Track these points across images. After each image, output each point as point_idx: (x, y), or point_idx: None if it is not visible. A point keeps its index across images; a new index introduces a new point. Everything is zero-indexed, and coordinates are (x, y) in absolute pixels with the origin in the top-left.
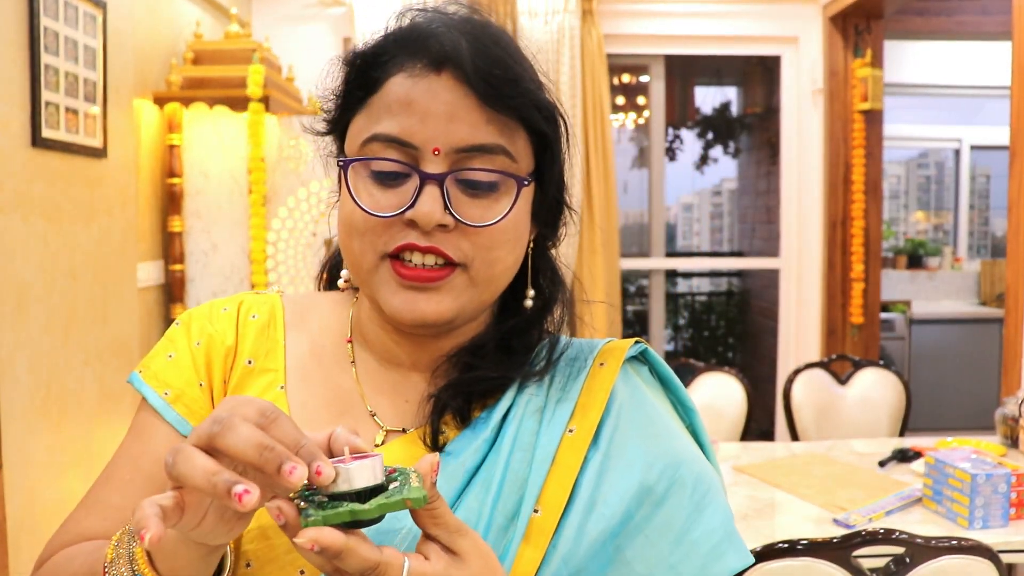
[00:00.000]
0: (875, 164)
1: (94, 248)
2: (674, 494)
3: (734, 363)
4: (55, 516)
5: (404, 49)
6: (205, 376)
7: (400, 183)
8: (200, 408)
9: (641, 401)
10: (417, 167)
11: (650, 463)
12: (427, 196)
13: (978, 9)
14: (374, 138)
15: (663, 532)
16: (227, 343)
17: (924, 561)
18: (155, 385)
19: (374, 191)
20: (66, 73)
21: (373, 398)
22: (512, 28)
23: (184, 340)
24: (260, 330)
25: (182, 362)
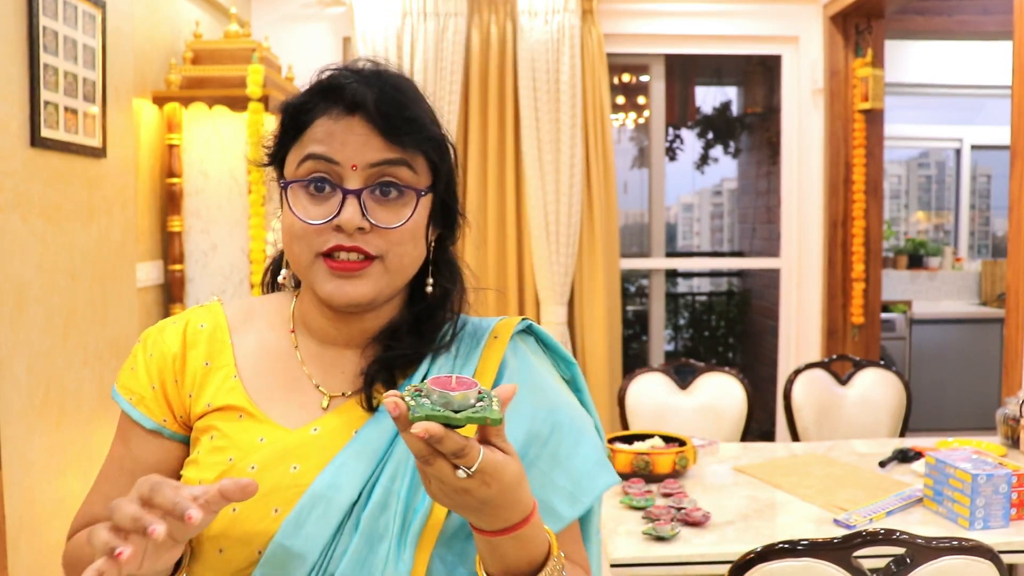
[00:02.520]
0: (876, 164)
1: (93, 248)
2: (555, 434)
3: (734, 363)
4: (54, 516)
5: (325, 98)
6: (157, 380)
7: (327, 197)
8: (155, 406)
9: (527, 365)
10: (340, 184)
11: (535, 413)
12: (349, 206)
13: (979, 9)
14: (308, 157)
15: (551, 463)
16: (173, 351)
17: (925, 562)
18: (124, 393)
19: (308, 205)
20: (65, 73)
21: (316, 373)
22: (512, 28)
23: (141, 354)
24: (209, 336)
25: (139, 372)
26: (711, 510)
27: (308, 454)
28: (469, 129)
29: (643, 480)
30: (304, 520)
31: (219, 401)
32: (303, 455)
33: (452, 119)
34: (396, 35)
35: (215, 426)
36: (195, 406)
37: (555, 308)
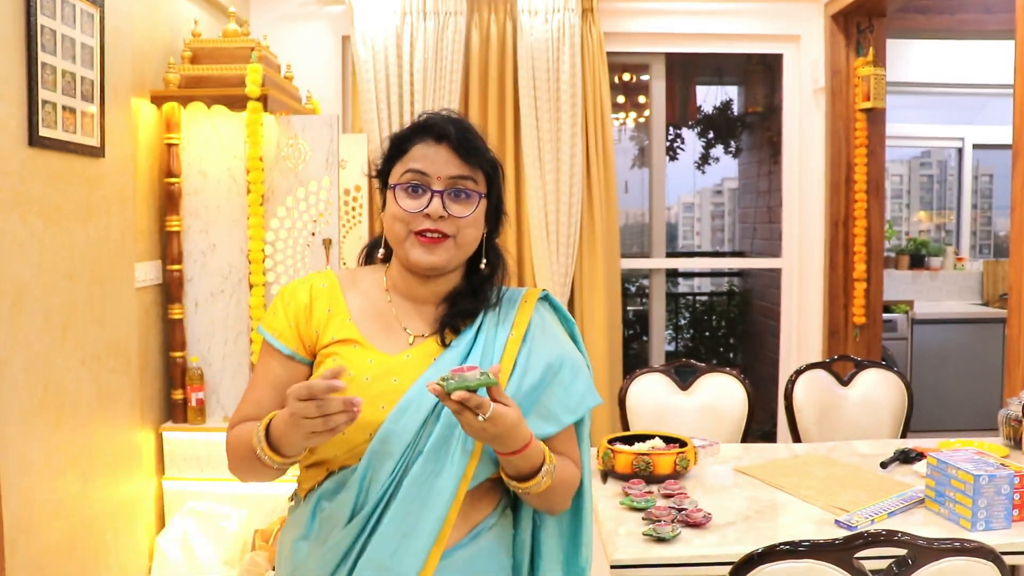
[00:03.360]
0: (877, 163)
1: (92, 248)
2: (563, 368)
3: (735, 364)
4: (53, 517)
5: (422, 132)
6: (293, 322)
7: (420, 196)
8: (292, 339)
9: (545, 321)
10: (429, 187)
11: (550, 353)
12: (435, 201)
13: (980, 8)
14: (409, 170)
15: (559, 386)
16: (304, 302)
17: (926, 563)
18: (269, 331)
19: (407, 200)
20: (63, 72)
21: (403, 319)
22: (512, 27)
23: (280, 305)
24: (328, 292)
25: (279, 316)
26: (712, 511)
27: (403, 371)
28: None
29: (644, 481)
30: (402, 414)
31: (340, 335)
32: (400, 372)
33: None
34: (396, 34)
35: (337, 352)
36: (321, 339)
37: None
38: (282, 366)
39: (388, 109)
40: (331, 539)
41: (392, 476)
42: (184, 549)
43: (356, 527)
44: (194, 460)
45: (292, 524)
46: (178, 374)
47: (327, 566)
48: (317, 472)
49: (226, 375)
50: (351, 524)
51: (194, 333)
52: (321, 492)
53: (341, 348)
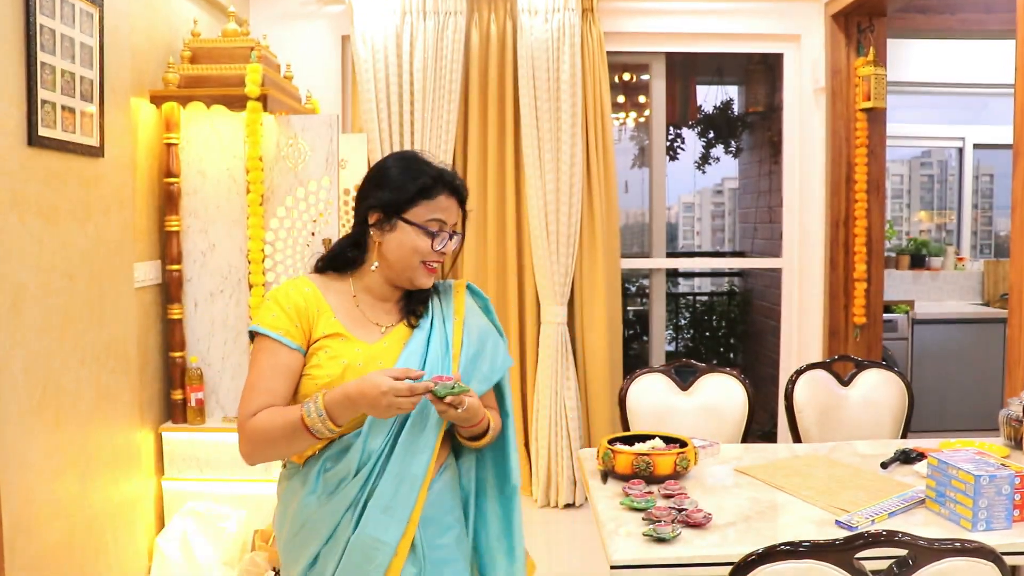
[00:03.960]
0: (878, 163)
1: (91, 248)
2: (488, 339)
3: (735, 364)
4: (52, 517)
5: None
6: (296, 320)
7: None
8: (297, 335)
9: (472, 305)
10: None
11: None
12: (450, 242)
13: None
14: (435, 219)
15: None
16: (300, 303)
17: (927, 563)
18: (273, 329)
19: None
20: (63, 71)
21: (371, 315)
22: (512, 26)
23: (278, 307)
24: (313, 295)
25: (281, 316)
26: (712, 511)
27: (385, 355)
28: (469, 129)
29: (644, 481)
30: None
31: (328, 331)
32: (382, 356)
33: (451, 119)
34: (395, 34)
35: (327, 345)
36: (313, 334)
37: (555, 308)
38: (290, 357)
39: (388, 109)
40: (339, 491)
41: (387, 437)
42: (183, 549)
43: (361, 479)
44: (193, 460)
45: (296, 484)
46: (177, 374)
47: (337, 512)
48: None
49: (225, 375)
50: (357, 477)
51: (193, 333)
52: (325, 456)
53: (330, 341)
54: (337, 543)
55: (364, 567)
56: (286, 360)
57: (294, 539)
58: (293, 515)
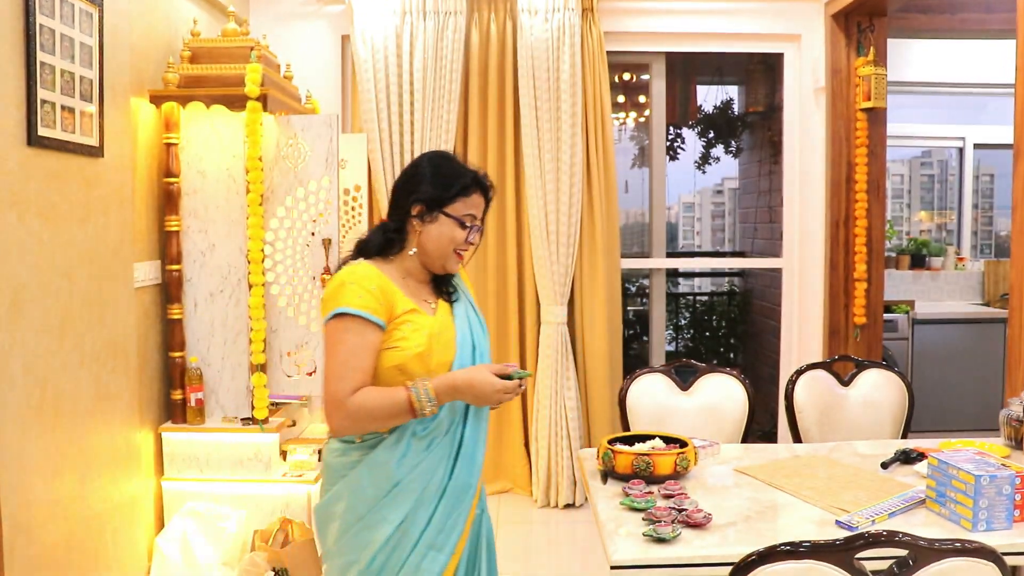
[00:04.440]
0: (878, 163)
1: (90, 248)
2: None
3: (736, 364)
4: (50, 518)
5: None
6: (381, 300)
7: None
8: (382, 312)
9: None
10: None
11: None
12: (478, 234)
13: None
14: (469, 214)
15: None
16: (380, 285)
17: (927, 563)
18: (362, 309)
19: (459, 230)
20: (62, 71)
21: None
22: (512, 26)
23: (361, 288)
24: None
25: (367, 297)
26: (712, 512)
27: (444, 327)
28: (468, 128)
29: (644, 481)
30: (462, 353)
31: (406, 307)
32: (443, 328)
33: (451, 118)
34: (395, 34)
35: (409, 319)
36: (395, 311)
37: (555, 308)
38: (376, 336)
39: (388, 109)
40: (432, 449)
41: None
42: (183, 550)
43: (451, 435)
44: (193, 460)
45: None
46: (177, 374)
47: (432, 467)
48: None
49: (225, 375)
50: (448, 435)
51: (193, 333)
52: (416, 423)
53: (411, 316)
54: (428, 496)
55: (456, 512)
56: (372, 338)
57: (380, 503)
58: (380, 480)
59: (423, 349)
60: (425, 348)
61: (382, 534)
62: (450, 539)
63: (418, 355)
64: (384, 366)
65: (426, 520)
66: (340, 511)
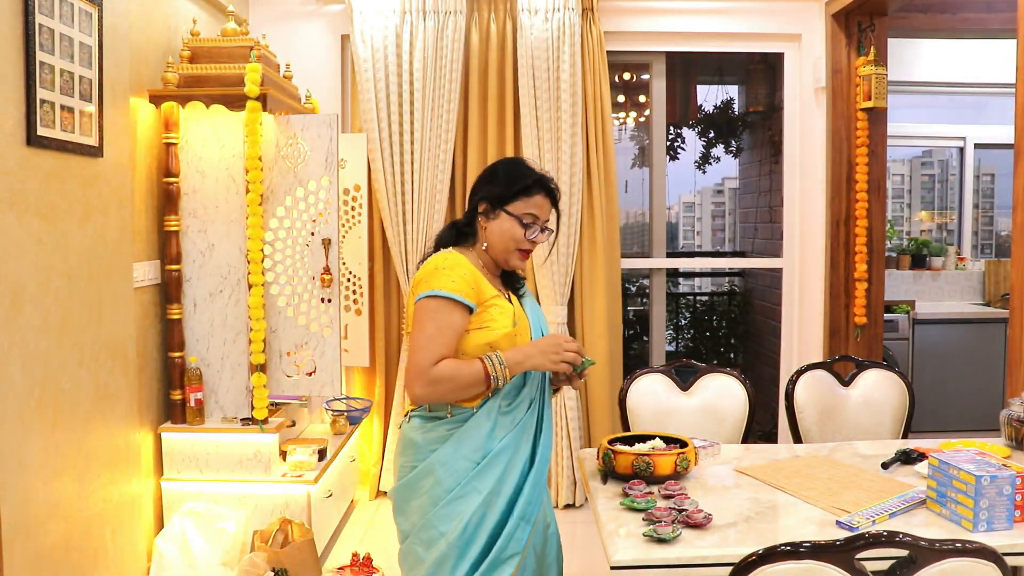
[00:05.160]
0: (879, 163)
1: (89, 247)
2: None
3: (736, 364)
4: (50, 518)
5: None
6: (472, 284)
7: (530, 230)
8: (473, 296)
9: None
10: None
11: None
12: (541, 234)
13: (982, 6)
14: (530, 213)
15: None
16: (472, 271)
17: (928, 564)
18: (455, 292)
19: (520, 228)
20: (61, 71)
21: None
22: (512, 26)
23: (454, 274)
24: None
25: (459, 282)
26: (713, 512)
27: (520, 312)
28: (468, 128)
29: (644, 482)
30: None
31: (493, 293)
32: (520, 313)
33: (451, 118)
34: (395, 33)
35: (496, 303)
36: (483, 295)
37: (555, 308)
38: (463, 318)
39: (388, 108)
40: (519, 423)
41: (540, 374)
42: (183, 550)
43: (534, 411)
44: (193, 460)
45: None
46: (177, 374)
47: (516, 441)
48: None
49: (225, 375)
50: (529, 411)
51: (193, 333)
52: (502, 396)
53: (497, 300)
54: (514, 468)
55: (540, 484)
56: (460, 320)
57: (471, 474)
58: (470, 453)
59: (510, 330)
60: (510, 329)
61: (471, 504)
62: (536, 511)
63: (507, 335)
64: (476, 343)
65: (513, 491)
66: (428, 485)
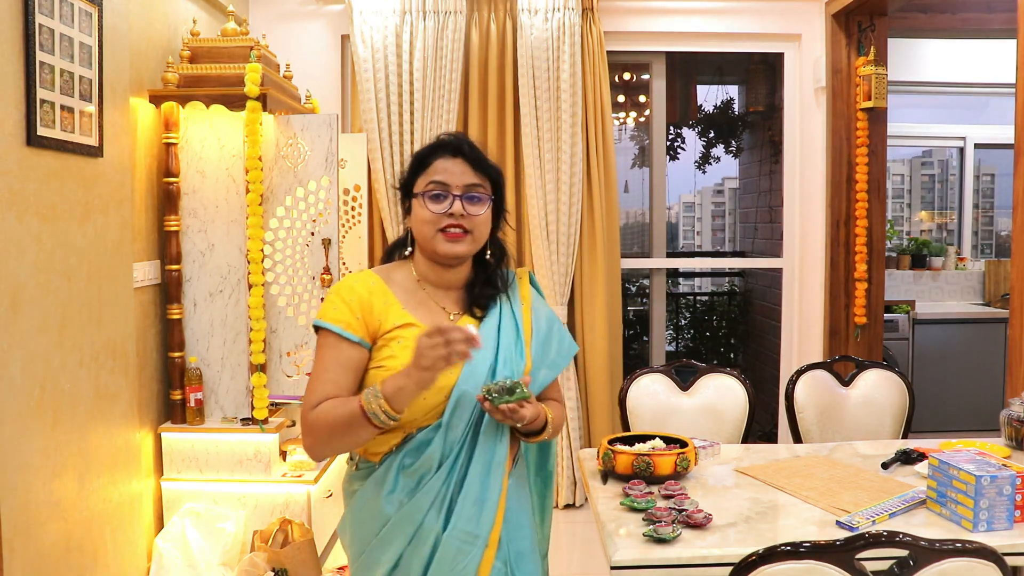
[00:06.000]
0: (879, 163)
1: (89, 248)
2: (554, 325)
3: (736, 364)
4: (49, 518)
5: (440, 149)
6: (359, 313)
7: (442, 201)
8: (358, 328)
9: (536, 292)
10: (450, 193)
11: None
12: (456, 203)
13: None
14: (432, 182)
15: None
16: (364, 297)
17: (928, 564)
18: (334, 323)
19: (432, 205)
20: (61, 71)
21: (439, 301)
22: (512, 26)
23: (339, 299)
24: (379, 288)
25: (342, 309)
26: (713, 512)
27: None
28: (468, 128)
29: (644, 482)
30: (470, 376)
31: (399, 322)
32: None
33: (451, 118)
34: (395, 33)
35: (400, 335)
36: (383, 327)
37: (555, 308)
38: (353, 351)
39: (388, 108)
40: (422, 487)
41: (468, 425)
42: (183, 550)
43: (444, 472)
44: (193, 461)
45: (372, 485)
46: (176, 374)
47: (420, 509)
48: (393, 436)
49: (225, 375)
50: (440, 471)
51: (193, 333)
52: (404, 452)
53: (402, 332)
54: (422, 542)
55: (457, 563)
56: (348, 354)
57: (372, 542)
58: (371, 517)
59: None
60: None
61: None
62: None
63: None
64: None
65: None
66: (347, 542)
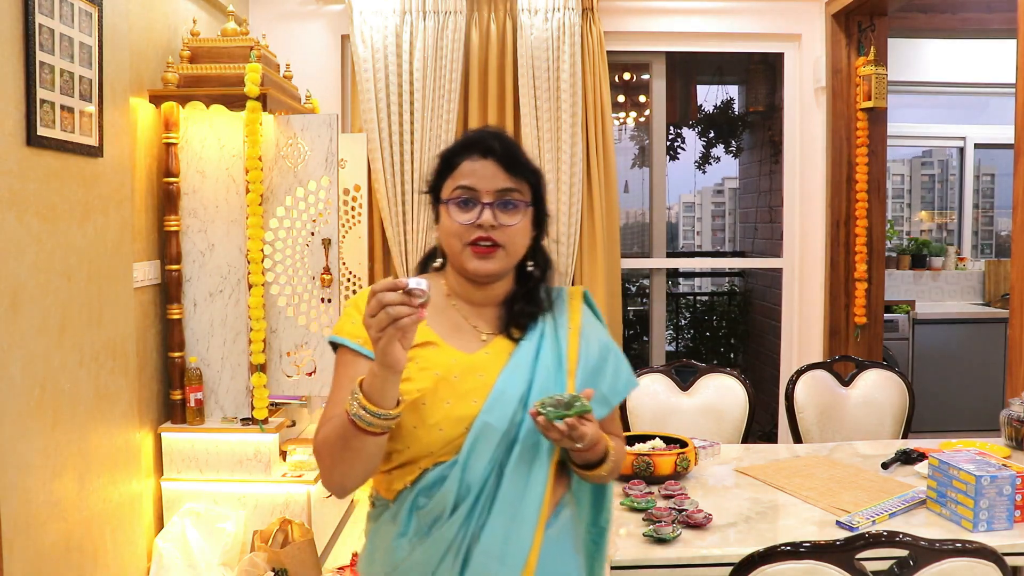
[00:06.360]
0: (879, 163)
1: (89, 247)
2: (610, 355)
3: (736, 364)
4: (50, 518)
5: (468, 148)
6: None
7: (471, 208)
8: None
9: (590, 314)
10: (479, 200)
11: (601, 343)
12: (485, 213)
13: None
14: (458, 187)
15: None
16: None
17: (928, 564)
18: (350, 338)
19: (459, 214)
20: (61, 71)
21: (471, 320)
22: (512, 26)
23: (357, 311)
24: None
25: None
26: (713, 512)
27: (485, 367)
28: (468, 128)
29: (644, 482)
30: (495, 406)
31: (419, 340)
32: (482, 368)
33: (451, 118)
34: (395, 33)
35: (417, 355)
36: None
37: None
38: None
39: (388, 108)
40: (435, 532)
41: (491, 465)
42: (183, 550)
43: (460, 517)
44: (193, 461)
45: (384, 524)
46: (176, 374)
47: (433, 558)
48: (409, 471)
49: (225, 375)
50: (455, 515)
51: (193, 333)
52: (418, 489)
53: (420, 351)
54: None
55: None
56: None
57: None
58: (383, 559)
59: (424, 394)
60: (429, 392)
61: None
62: None
63: (412, 403)
64: None
65: None
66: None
